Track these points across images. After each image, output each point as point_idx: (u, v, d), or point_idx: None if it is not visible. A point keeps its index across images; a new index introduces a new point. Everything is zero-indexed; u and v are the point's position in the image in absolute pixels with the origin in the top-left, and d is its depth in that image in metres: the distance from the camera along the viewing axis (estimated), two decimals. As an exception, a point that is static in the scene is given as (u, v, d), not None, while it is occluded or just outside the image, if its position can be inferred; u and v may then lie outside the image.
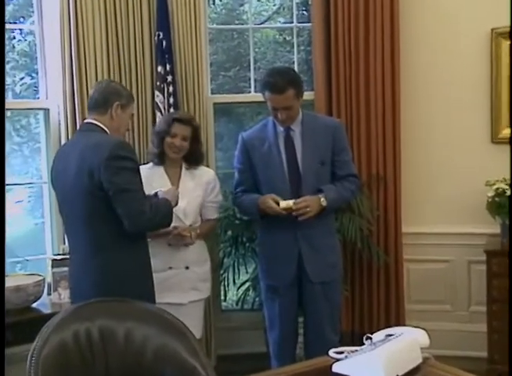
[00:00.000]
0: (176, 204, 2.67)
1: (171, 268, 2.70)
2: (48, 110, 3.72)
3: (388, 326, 2.72)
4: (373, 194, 3.77)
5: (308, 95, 3.83)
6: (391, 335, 1.88)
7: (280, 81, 2.70)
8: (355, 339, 3.59)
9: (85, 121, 2.55)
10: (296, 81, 2.76)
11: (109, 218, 2.35)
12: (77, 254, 2.49)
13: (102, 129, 2.45)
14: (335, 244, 2.97)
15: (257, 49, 4.36)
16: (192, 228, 2.95)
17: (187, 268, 2.96)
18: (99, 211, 2.35)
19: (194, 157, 3.05)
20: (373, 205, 3.74)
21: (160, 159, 3.02)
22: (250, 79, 4.17)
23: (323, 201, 2.76)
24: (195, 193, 2.99)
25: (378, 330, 2.00)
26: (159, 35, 3.63)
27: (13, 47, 4.00)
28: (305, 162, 2.82)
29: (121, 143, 2.39)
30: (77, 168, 2.35)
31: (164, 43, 3.63)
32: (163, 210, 2.48)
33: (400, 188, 3.76)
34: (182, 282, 2.93)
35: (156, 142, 3.01)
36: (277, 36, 4.52)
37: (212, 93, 4.06)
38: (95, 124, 2.46)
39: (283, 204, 2.72)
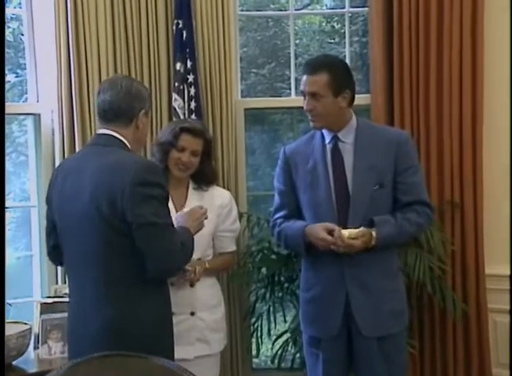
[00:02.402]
0: (199, 229, 2.64)
1: (173, 313, 2.68)
2: (39, 115, 3.75)
3: (470, 396, 2.64)
4: (447, 225, 3.71)
5: (362, 98, 3.84)
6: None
7: (315, 61, 2.79)
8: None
9: (101, 131, 2.50)
10: (335, 69, 2.76)
11: (128, 256, 2.34)
12: (80, 298, 2.47)
13: (123, 143, 2.44)
14: (396, 288, 2.90)
15: (298, 41, 4.35)
16: (199, 262, 2.93)
17: (192, 314, 2.95)
18: (117, 246, 2.34)
19: (204, 177, 3.06)
20: (447, 239, 3.68)
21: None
22: (289, 78, 4.16)
23: (373, 240, 2.71)
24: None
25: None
26: (178, 24, 3.65)
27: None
28: (357, 183, 2.78)
29: (150, 166, 2.40)
30: (92, 193, 2.34)
31: (185, 34, 3.64)
32: (189, 245, 2.47)
33: (482, 218, 3.71)
34: (186, 332, 2.90)
35: (159, 156, 3.00)
36: (324, 24, 4.49)
37: (242, 96, 4.07)
38: (115, 137, 2.44)
39: (346, 232, 2.66)
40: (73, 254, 2.48)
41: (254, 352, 3.90)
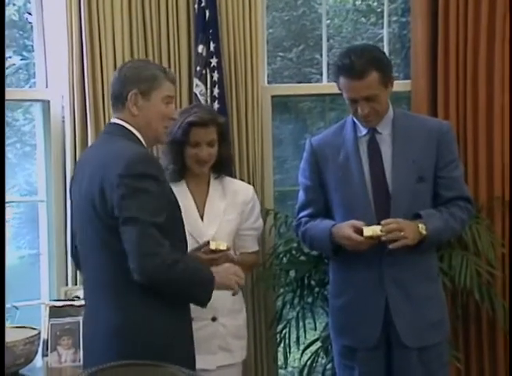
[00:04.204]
0: (226, 288, 2.52)
1: (192, 319, 2.66)
2: (49, 102, 3.73)
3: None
4: (497, 225, 3.68)
5: (401, 84, 3.81)
6: None
7: (359, 62, 2.68)
8: None
9: (111, 120, 2.55)
10: (380, 61, 2.73)
11: (122, 256, 2.28)
12: (87, 301, 2.50)
13: (129, 131, 2.45)
14: (438, 294, 2.89)
15: (329, 21, 4.30)
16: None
17: (214, 319, 2.93)
18: (112, 244, 2.31)
19: (223, 163, 3.06)
20: (497, 240, 3.64)
21: (180, 174, 3.01)
22: (318, 62, 4.13)
23: (422, 228, 2.68)
24: (227, 216, 2.99)
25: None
26: (200, 2, 3.61)
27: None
28: (397, 178, 2.77)
29: (142, 155, 2.35)
30: (88, 185, 2.36)
31: (208, 13, 3.61)
32: (194, 272, 2.37)
33: (536, 217, 3.67)
34: (207, 339, 2.89)
35: (173, 156, 2.98)
36: (358, 2, 4.46)
37: (267, 82, 4.04)
38: (120, 125, 2.46)
39: (368, 231, 2.64)
40: (81, 254, 2.52)
41: (280, 363, 3.87)
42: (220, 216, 2.96)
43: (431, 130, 2.83)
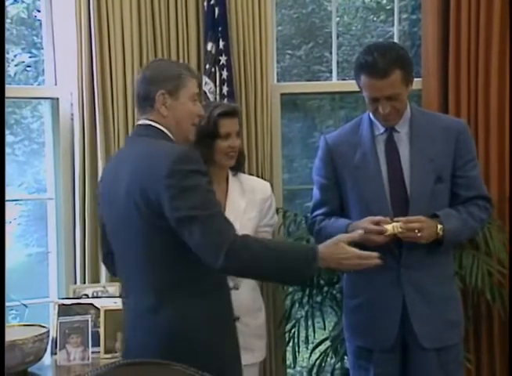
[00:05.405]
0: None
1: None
2: (58, 99, 3.72)
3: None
4: (508, 224, 3.65)
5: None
6: None
7: (382, 60, 2.62)
8: None
9: (138, 122, 2.54)
10: (404, 60, 2.68)
11: (175, 256, 2.30)
12: (131, 300, 2.49)
13: (161, 131, 2.44)
14: (453, 295, 2.86)
15: (338, 19, 4.29)
16: None
17: (236, 319, 2.84)
18: (161, 246, 2.32)
19: (241, 158, 3.05)
20: (508, 240, 3.59)
21: None
22: (327, 60, 4.10)
23: (440, 229, 2.65)
24: (248, 214, 2.98)
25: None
26: (209, 0, 3.60)
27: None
28: (415, 178, 2.73)
29: (185, 154, 2.32)
30: (128, 189, 2.34)
31: (217, 11, 3.61)
32: (275, 249, 2.29)
33: (549, 216, 3.64)
34: None
35: (202, 151, 2.88)
36: (367, -1, 4.45)
37: (277, 80, 4.03)
38: (151, 126, 2.45)
39: (390, 228, 2.59)
40: (119, 254, 2.51)
41: (289, 362, 3.87)
42: (240, 214, 2.94)
43: (448, 128, 2.80)
